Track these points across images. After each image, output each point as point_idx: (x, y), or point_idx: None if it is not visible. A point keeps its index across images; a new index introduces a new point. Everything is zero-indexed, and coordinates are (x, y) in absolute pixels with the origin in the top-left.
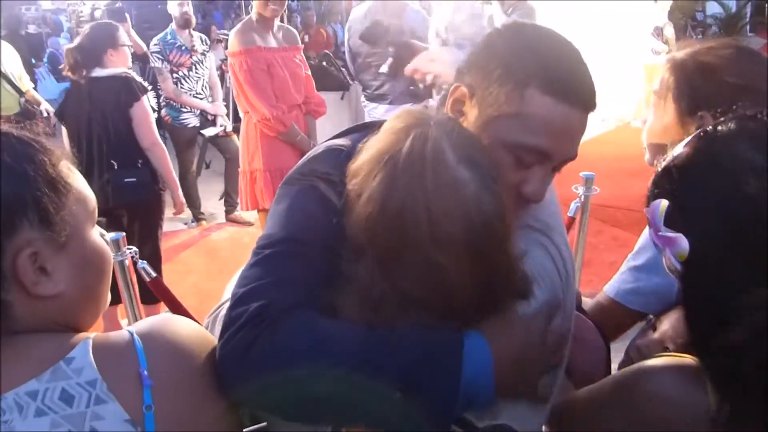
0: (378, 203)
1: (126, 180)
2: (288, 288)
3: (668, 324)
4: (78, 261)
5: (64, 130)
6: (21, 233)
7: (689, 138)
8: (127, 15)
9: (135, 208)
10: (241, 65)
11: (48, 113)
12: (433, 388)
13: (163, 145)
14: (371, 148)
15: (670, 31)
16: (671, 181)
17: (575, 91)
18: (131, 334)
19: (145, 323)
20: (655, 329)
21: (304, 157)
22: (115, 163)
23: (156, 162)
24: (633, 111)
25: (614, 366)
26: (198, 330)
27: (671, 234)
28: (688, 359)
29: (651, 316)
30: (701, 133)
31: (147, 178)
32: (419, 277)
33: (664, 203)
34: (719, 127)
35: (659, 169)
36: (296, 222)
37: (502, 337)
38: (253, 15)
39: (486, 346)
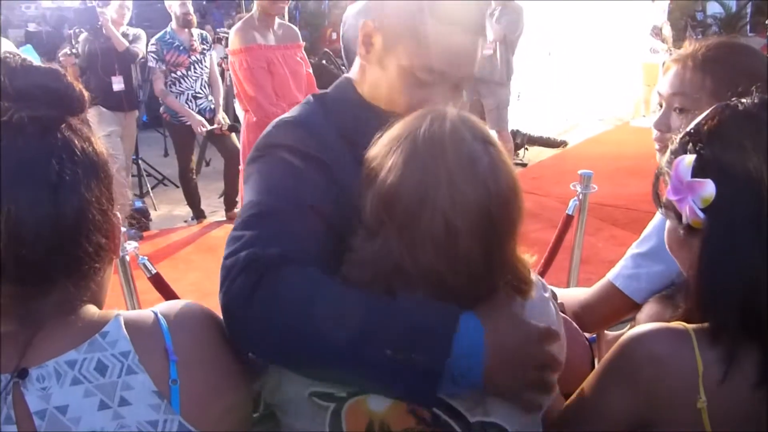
0: (400, 170)
1: None
2: (271, 239)
3: (643, 313)
4: None
5: None
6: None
7: (711, 109)
8: (103, 11)
9: None
10: (242, 63)
11: None
12: (423, 353)
13: None
14: (387, 135)
15: (668, 30)
16: (698, 140)
17: (463, 16)
18: (155, 314)
19: (166, 305)
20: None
21: (260, 137)
22: None
23: None
24: (631, 110)
25: None
26: (211, 312)
27: (698, 180)
28: (676, 324)
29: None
30: (726, 103)
31: None
32: (435, 243)
33: (690, 156)
34: (742, 100)
35: (680, 136)
36: (265, 189)
37: (499, 325)
38: (255, 13)
39: (480, 327)
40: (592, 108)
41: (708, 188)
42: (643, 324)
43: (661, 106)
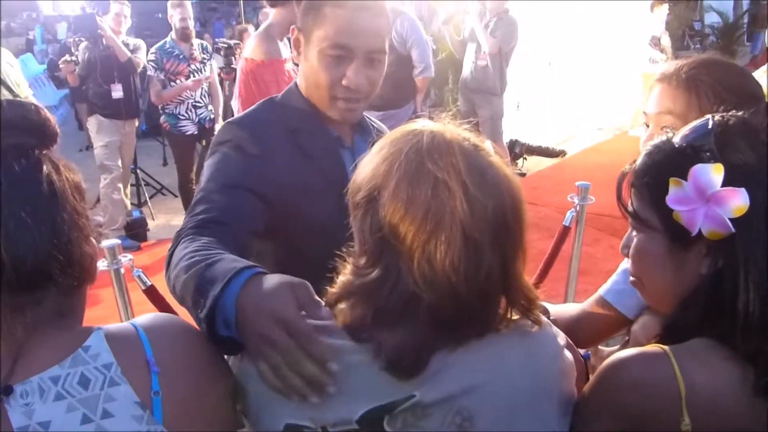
0: (409, 188)
1: None
2: (196, 216)
3: (638, 324)
4: None
5: None
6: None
7: (704, 120)
8: (100, 20)
9: None
10: (266, 74)
11: None
12: (206, 299)
13: None
14: (378, 155)
15: (666, 41)
16: (707, 149)
17: None
18: (134, 326)
19: (145, 317)
20: (628, 341)
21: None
22: None
23: None
24: (630, 120)
25: None
26: (190, 325)
27: (731, 189)
28: (653, 347)
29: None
30: (720, 115)
31: None
32: (455, 261)
33: (714, 165)
34: (730, 114)
35: (675, 145)
36: (206, 178)
37: (261, 285)
38: (272, 22)
39: (241, 284)
40: (592, 117)
41: (743, 197)
42: (623, 351)
43: (647, 126)
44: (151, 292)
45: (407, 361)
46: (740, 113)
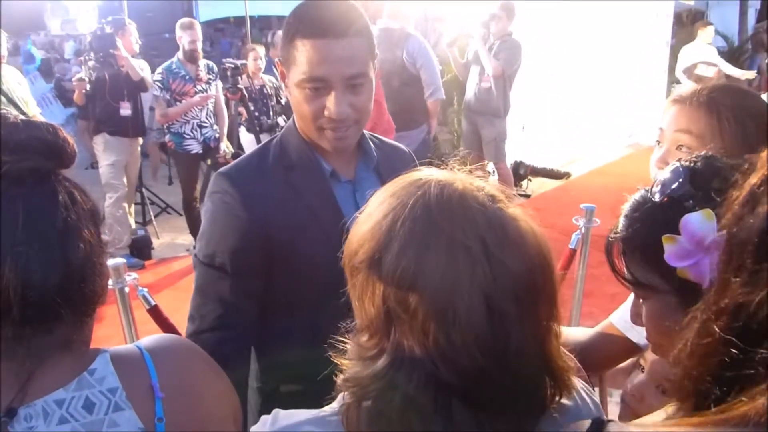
0: (418, 249)
1: None
2: (202, 322)
3: (653, 356)
4: None
5: None
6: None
7: (671, 169)
8: (117, 39)
9: None
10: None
11: None
12: None
13: None
14: (376, 211)
15: (702, 69)
16: (690, 196)
17: (322, 28)
18: (140, 349)
19: (151, 339)
20: (643, 369)
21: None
22: None
23: None
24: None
25: (614, 415)
26: (196, 347)
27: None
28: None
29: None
30: (686, 161)
31: None
32: (479, 335)
33: (705, 211)
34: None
35: (654, 202)
36: (201, 239)
37: None
38: None
39: None
40: (597, 139)
41: None
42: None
43: (658, 142)
44: (155, 312)
45: None
46: (702, 153)
